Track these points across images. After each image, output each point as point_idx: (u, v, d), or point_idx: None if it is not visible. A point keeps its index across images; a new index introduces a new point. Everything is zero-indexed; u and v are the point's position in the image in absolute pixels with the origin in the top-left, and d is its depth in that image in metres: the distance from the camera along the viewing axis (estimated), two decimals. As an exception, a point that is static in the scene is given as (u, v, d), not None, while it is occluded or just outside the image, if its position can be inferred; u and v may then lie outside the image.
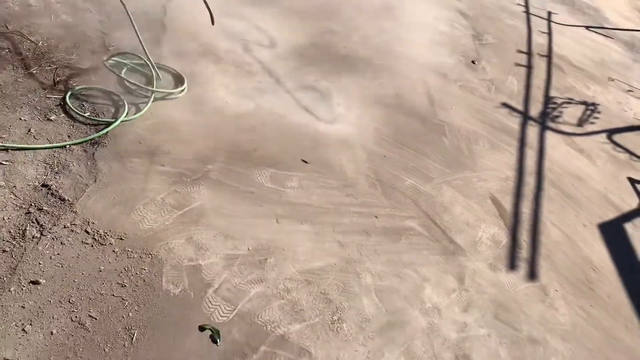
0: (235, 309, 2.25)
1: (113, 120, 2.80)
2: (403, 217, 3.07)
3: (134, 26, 3.14)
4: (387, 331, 2.42)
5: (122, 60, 3.21)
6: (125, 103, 2.96)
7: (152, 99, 3.01)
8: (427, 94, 4.34)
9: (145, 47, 3.18)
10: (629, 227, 3.83)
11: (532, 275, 3.08)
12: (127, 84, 3.05)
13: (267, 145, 3.10)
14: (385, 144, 3.55)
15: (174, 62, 3.49)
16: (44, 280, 2.06)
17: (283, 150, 3.12)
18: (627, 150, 4.80)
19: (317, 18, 4.81)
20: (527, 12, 7.21)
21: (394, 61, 4.55)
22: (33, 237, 2.17)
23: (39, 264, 2.11)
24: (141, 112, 2.92)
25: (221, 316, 2.20)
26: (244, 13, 4.39)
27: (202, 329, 2.13)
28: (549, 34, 6.77)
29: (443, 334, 2.51)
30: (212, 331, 2.13)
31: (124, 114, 2.84)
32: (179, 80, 3.29)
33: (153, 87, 3.09)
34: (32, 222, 2.22)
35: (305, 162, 3.13)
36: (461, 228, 3.17)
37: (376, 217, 2.98)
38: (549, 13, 7.53)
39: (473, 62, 5.26)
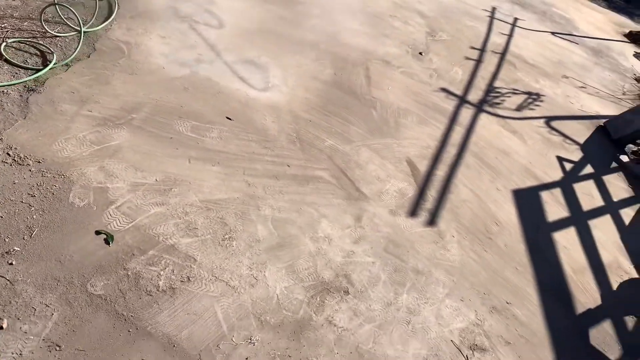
0: (132, 222, 2.57)
1: (42, 68, 3.18)
2: (315, 169, 3.37)
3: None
4: (275, 251, 2.71)
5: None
6: (54, 53, 3.34)
7: (81, 42, 3.38)
8: (365, 76, 4.67)
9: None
10: (545, 194, 4.10)
11: (432, 222, 3.35)
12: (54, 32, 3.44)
13: (195, 104, 3.45)
14: (313, 111, 3.88)
15: (120, 32, 3.88)
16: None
17: (210, 109, 3.46)
18: (561, 134, 5.08)
19: (270, 4, 5.20)
20: (492, 17, 7.53)
21: (339, 48, 4.90)
22: (-40, 157, 2.53)
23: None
24: (71, 57, 3.30)
25: (118, 226, 2.52)
26: None
27: (98, 232, 2.45)
28: (509, 35, 7.07)
29: (328, 258, 2.80)
30: (106, 235, 2.45)
31: (52, 62, 3.22)
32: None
33: (81, 28, 3.47)
34: (-41, 143, 2.59)
35: (230, 119, 3.47)
36: (370, 181, 3.46)
37: (288, 166, 3.30)
38: (515, 19, 7.83)
39: (420, 53, 5.60)
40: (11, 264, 2.15)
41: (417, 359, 2.44)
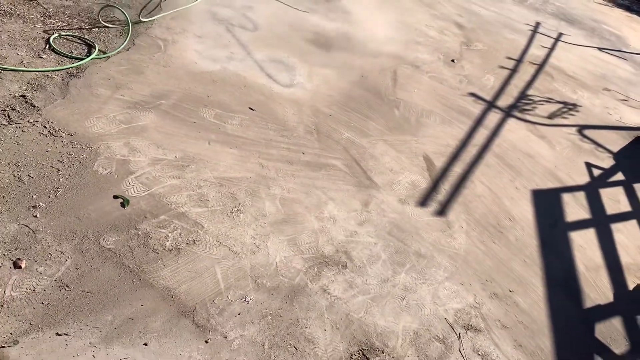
0: (149, 190, 2.82)
1: (84, 57, 3.53)
2: (329, 157, 3.54)
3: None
4: (279, 225, 2.89)
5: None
6: (96, 46, 3.69)
7: (128, 37, 3.72)
8: (392, 78, 4.83)
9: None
10: (567, 196, 4.09)
11: (441, 212, 3.44)
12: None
13: (221, 95, 3.71)
14: (334, 107, 4.07)
15: (159, 31, 4.22)
16: (1, 150, 2.72)
17: (234, 100, 3.72)
18: (594, 142, 5.03)
19: (307, 10, 5.46)
20: (534, 31, 7.53)
21: (369, 52, 5.08)
22: (1, 125, 2.87)
23: (1, 139, 2.79)
24: (117, 49, 3.65)
25: (135, 192, 2.77)
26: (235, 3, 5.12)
27: (115, 197, 2.71)
28: (551, 49, 7.05)
29: (331, 235, 2.95)
30: (123, 199, 2.71)
31: (95, 53, 3.57)
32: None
33: (129, 23, 3.81)
34: (4, 116, 2.93)
35: (252, 109, 3.71)
36: (383, 171, 3.59)
37: (303, 153, 3.49)
38: (560, 34, 7.79)
39: (453, 60, 5.70)
40: (35, 216, 2.42)
41: (407, 332, 2.52)
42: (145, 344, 2.08)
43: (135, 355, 2.03)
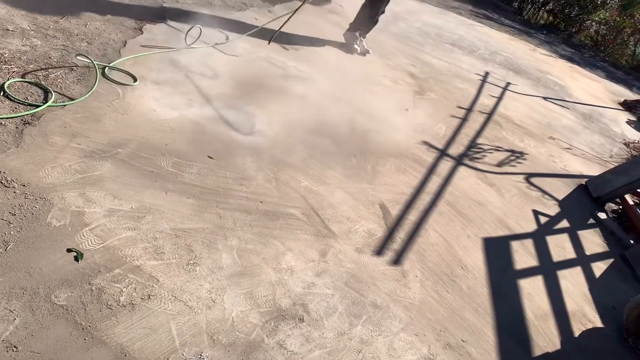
0: (103, 243, 2.78)
1: (40, 104, 3.50)
2: (287, 206, 3.58)
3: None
4: (236, 278, 2.89)
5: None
6: (53, 93, 3.67)
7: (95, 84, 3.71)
8: (350, 127, 4.96)
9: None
10: (516, 244, 4.26)
11: (397, 262, 3.52)
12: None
13: (179, 143, 3.72)
14: (294, 155, 4.14)
15: (117, 77, 4.23)
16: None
17: (193, 148, 3.74)
18: (540, 190, 5.27)
19: (265, 60, 5.58)
20: (483, 81, 7.89)
21: (325, 100, 5.22)
22: (-47, 178, 2.79)
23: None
24: (84, 97, 3.62)
25: (89, 246, 2.73)
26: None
27: (69, 250, 2.66)
28: (499, 98, 7.40)
29: (288, 287, 2.97)
30: (76, 252, 2.66)
31: (51, 101, 3.54)
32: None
33: (96, 70, 3.80)
34: (-47, 164, 2.86)
35: (211, 157, 3.74)
36: (340, 220, 3.66)
37: (261, 202, 3.52)
38: (507, 83, 8.19)
39: (406, 109, 5.90)
40: (-17, 272, 2.34)
41: (363, 386, 2.54)
42: (96, 408, 2.02)
43: None
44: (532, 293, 3.71)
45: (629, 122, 9.49)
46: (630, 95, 11.64)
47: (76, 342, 2.23)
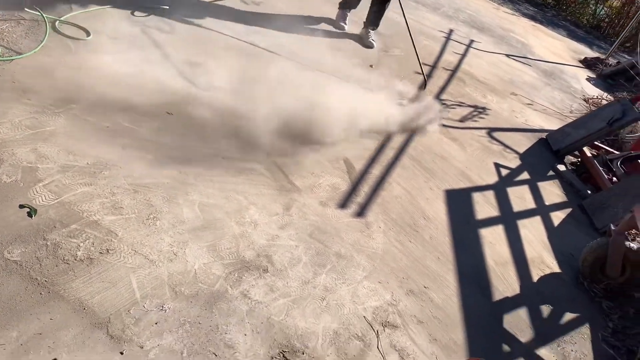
0: (58, 199, 2.69)
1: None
2: (251, 161, 3.52)
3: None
4: (198, 231, 2.85)
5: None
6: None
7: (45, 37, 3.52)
8: (311, 84, 4.87)
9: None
10: (477, 195, 4.31)
11: (360, 214, 3.52)
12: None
13: (137, 98, 3.59)
14: (255, 110, 4.04)
15: (70, 32, 4.03)
16: None
17: (150, 103, 3.61)
18: (502, 144, 5.32)
19: (229, 14, 5.40)
20: (447, 38, 7.85)
21: (287, 60, 5.10)
22: None
23: None
24: (33, 51, 3.44)
25: (43, 201, 2.64)
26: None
27: (21, 206, 2.56)
28: (463, 55, 7.38)
29: (252, 240, 2.94)
30: (29, 209, 2.56)
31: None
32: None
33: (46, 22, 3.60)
34: None
35: (170, 113, 3.62)
36: (304, 175, 3.63)
37: (223, 158, 3.44)
38: (471, 41, 8.17)
39: (371, 65, 5.84)
40: None
41: (327, 332, 2.57)
42: (55, 359, 1.99)
43: None
44: (493, 242, 3.79)
45: (588, 79, 9.65)
46: (590, 54, 11.81)
47: (32, 297, 2.18)
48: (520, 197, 4.56)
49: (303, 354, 2.41)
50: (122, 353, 2.12)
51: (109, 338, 2.15)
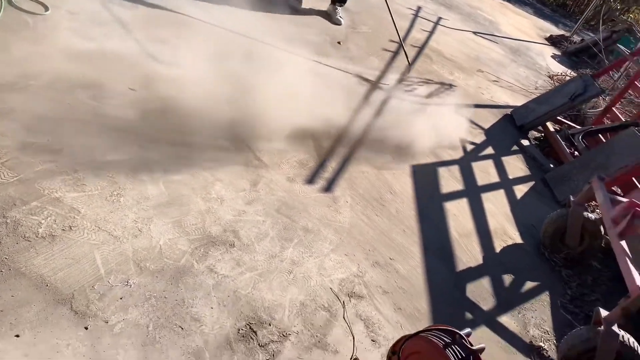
0: (18, 176, 2.63)
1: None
2: (217, 138, 3.49)
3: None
4: (163, 207, 2.82)
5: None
6: None
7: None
8: (277, 60, 4.83)
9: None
10: (442, 170, 4.37)
11: (328, 189, 3.55)
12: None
13: (97, 75, 3.52)
14: (218, 87, 4.00)
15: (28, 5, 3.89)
16: None
17: (112, 80, 3.54)
18: (467, 119, 5.39)
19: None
20: (415, 15, 7.86)
21: (251, 33, 5.03)
22: None
23: None
24: None
25: (1, 179, 2.58)
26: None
27: None
28: (430, 32, 7.41)
29: (218, 215, 2.93)
30: None
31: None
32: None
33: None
34: None
35: (132, 89, 3.56)
36: (272, 152, 3.62)
37: (190, 134, 3.41)
38: (439, 18, 8.19)
39: (339, 42, 5.82)
40: None
41: (294, 303, 2.60)
42: (17, 336, 1.99)
43: (6, 348, 1.93)
44: (457, 214, 3.87)
45: (553, 57, 9.82)
46: (556, 31, 12.00)
47: (-8, 275, 2.14)
48: (484, 172, 4.66)
49: (270, 325, 2.44)
50: (86, 328, 2.12)
51: (73, 314, 2.14)
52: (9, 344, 1.95)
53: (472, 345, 2.19)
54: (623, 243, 3.02)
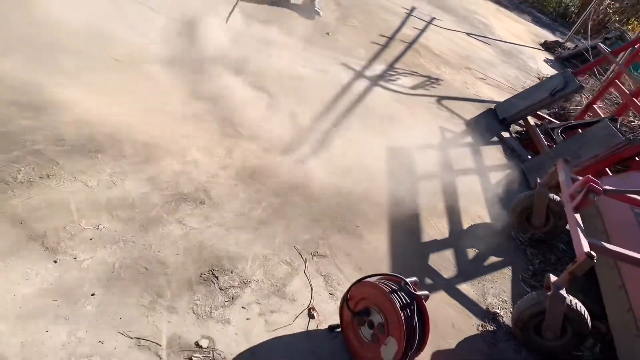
0: (2, 129, 2.81)
1: None
2: (195, 107, 3.67)
3: None
4: (139, 165, 3.00)
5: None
6: None
7: None
8: (265, 52, 5.01)
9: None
10: (418, 153, 4.54)
11: (302, 161, 3.71)
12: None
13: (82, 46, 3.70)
14: (211, 81, 4.18)
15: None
16: None
17: (95, 50, 3.73)
18: (450, 111, 5.56)
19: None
20: (409, 14, 8.04)
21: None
22: None
23: None
24: None
25: None
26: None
27: None
28: (422, 30, 7.59)
29: (192, 177, 3.10)
30: None
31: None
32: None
33: None
34: None
35: (117, 59, 3.74)
36: (250, 126, 3.79)
37: (165, 104, 3.58)
38: (432, 18, 8.38)
39: (327, 33, 6.00)
40: None
41: (257, 257, 2.77)
42: (-11, 263, 2.14)
43: None
44: (429, 194, 4.03)
45: (546, 61, 9.99)
46: (552, 38, 12.17)
47: (-30, 210, 2.31)
48: (461, 158, 4.81)
49: (232, 272, 2.61)
50: (55, 262, 2.28)
51: (44, 249, 2.31)
52: (-19, 269, 2.10)
53: (416, 291, 2.35)
54: (577, 216, 3.17)
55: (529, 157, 5.31)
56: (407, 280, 2.31)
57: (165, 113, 3.45)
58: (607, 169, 4.50)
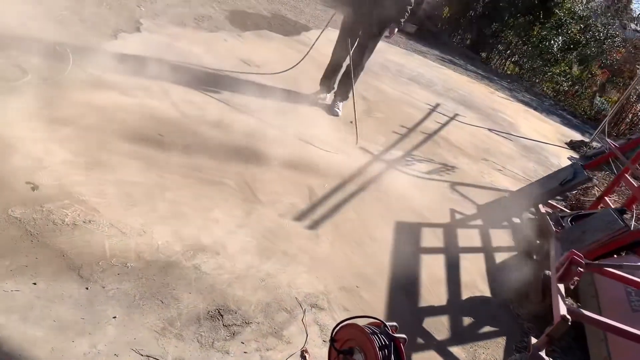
0: (57, 182, 3.42)
1: None
2: (223, 177, 4.25)
3: None
4: (167, 219, 3.50)
5: None
6: None
7: None
8: (292, 145, 5.67)
9: None
10: (426, 229, 4.93)
11: (313, 227, 4.16)
12: None
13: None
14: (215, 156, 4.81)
15: None
16: None
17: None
18: (463, 195, 5.99)
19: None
20: (432, 110, 8.70)
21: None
22: None
23: None
24: None
25: (45, 182, 3.37)
26: None
27: (27, 183, 3.30)
28: (444, 124, 8.19)
29: (211, 231, 3.58)
30: (33, 185, 3.30)
31: None
32: None
33: None
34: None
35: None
36: (269, 192, 4.31)
37: (200, 171, 4.18)
38: (455, 114, 9.02)
39: (351, 122, 6.66)
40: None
41: (260, 302, 3.15)
42: (35, 283, 2.63)
43: (24, 290, 2.58)
44: (431, 265, 4.35)
45: (570, 158, 10.33)
46: (579, 138, 12.53)
47: (24, 242, 2.84)
48: (468, 237, 5.14)
49: (236, 313, 3.00)
50: (87, 288, 2.74)
51: (79, 277, 2.78)
52: (27, 287, 2.59)
53: (394, 333, 2.68)
54: (560, 286, 3.45)
55: (538, 242, 5.56)
56: (387, 324, 2.64)
57: (194, 177, 3.95)
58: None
